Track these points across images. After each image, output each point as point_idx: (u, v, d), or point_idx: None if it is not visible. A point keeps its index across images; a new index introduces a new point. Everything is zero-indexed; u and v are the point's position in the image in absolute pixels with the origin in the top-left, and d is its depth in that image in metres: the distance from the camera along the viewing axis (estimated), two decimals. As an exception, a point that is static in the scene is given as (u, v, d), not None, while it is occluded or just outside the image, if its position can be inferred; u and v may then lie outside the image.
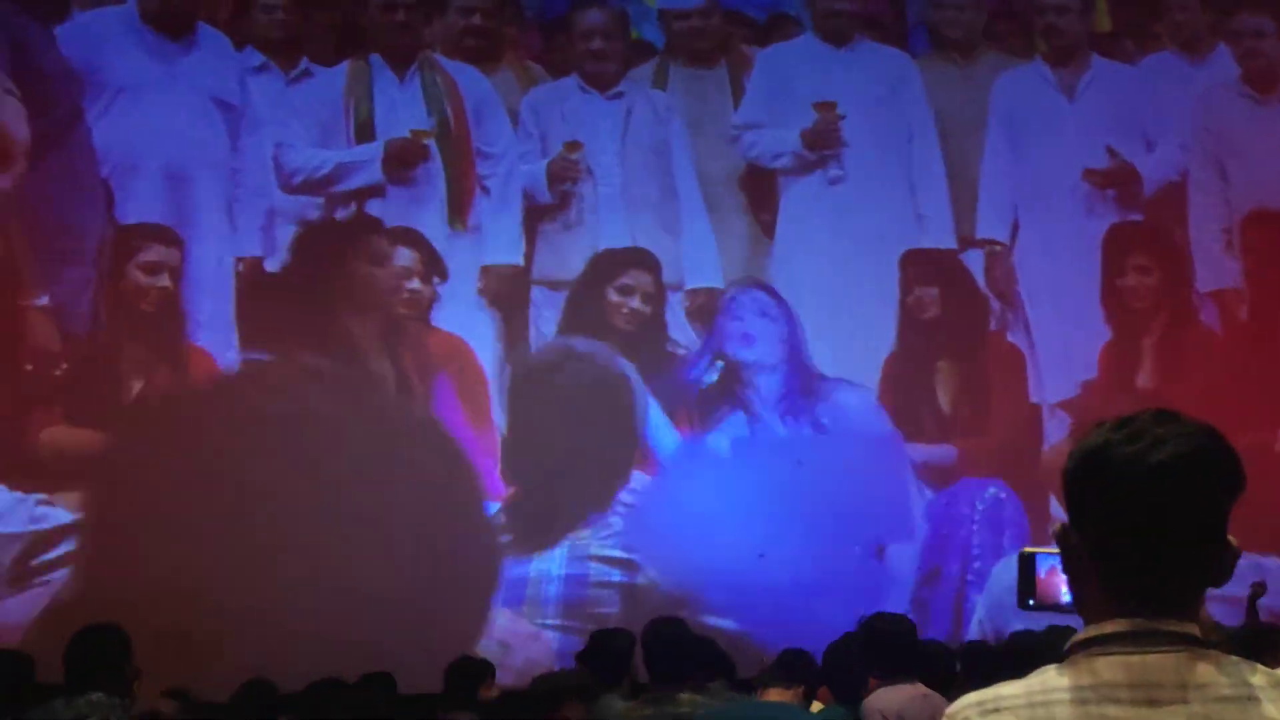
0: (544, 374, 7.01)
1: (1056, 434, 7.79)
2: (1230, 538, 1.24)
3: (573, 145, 7.59)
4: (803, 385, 7.52)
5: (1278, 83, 8.36)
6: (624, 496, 7.02)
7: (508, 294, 7.47)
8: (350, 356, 6.79)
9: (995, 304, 8.17)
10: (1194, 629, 1.23)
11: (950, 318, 7.90)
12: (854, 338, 7.82)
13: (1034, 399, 7.99)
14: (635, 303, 7.41)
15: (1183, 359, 7.92)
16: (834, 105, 7.82)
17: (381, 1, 7.50)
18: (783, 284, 7.71)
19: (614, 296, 7.40)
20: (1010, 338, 8.13)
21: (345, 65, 7.51)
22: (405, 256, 7.17)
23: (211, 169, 7.14)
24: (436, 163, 7.42)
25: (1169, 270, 8.06)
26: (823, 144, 7.80)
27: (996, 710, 1.25)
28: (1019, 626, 5.97)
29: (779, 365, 7.54)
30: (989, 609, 6.90)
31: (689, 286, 7.66)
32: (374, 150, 7.34)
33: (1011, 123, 8.35)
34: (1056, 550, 1.30)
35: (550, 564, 6.82)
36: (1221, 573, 1.24)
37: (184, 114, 7.14)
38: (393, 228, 7.23)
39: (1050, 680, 1.26)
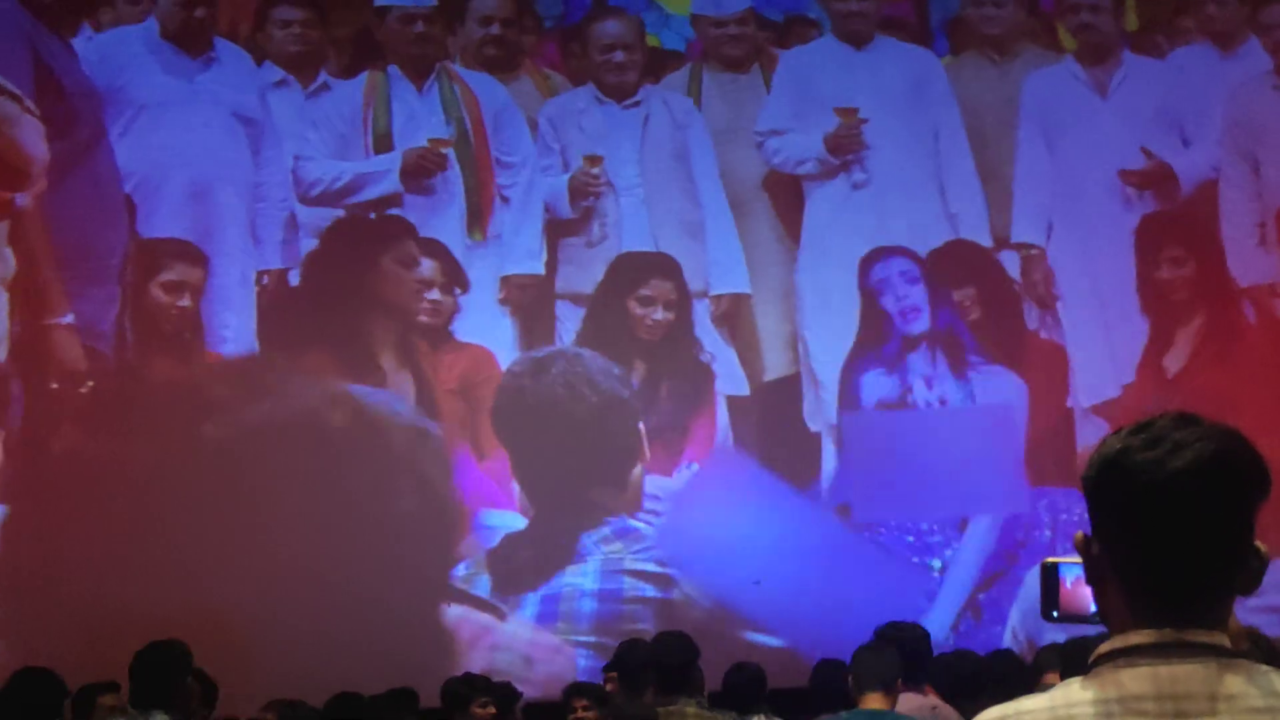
0: (525, 381, 6.84)
1: (1092, 438, 7.63)
2: (1259, 544, 1.20)
3: (593, 159, 7.52)
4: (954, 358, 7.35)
5: (1311, 75, 8.17)
6: (654, 504, 6.88)
7: (530, 304, 7.41)
8: (371, 367, 6.74)
9: (1032, 307, 8.01)
10: (1223, 639, 1.20)
11: (988, 317, 7.75)
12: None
13: (1069, 403, 7.81)
14: (659, 313, 7.32)
15: (1223, 353, 7.74)
16: (855, 111, 7.72)
17: (399, 13, 7.47)
18: (810, 290, 7.62)
19: (636, 309, 7.31)
20: (1046, 337, 7.98)
21: (363, 76, 7.50)
22: (427, 267, 7.14)
23: (234, 184, 7.15)
24: (455, 172, 7.38)
25: (1205, 262, 7.90)
26: (845, 149, 7.70)
27: None
28: (1053, 637, 5.94)
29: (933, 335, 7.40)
30: (1022, 616, 6.73)
31: (715, 292, 7.56)
32: (392, 160, 7.31)
33: (1044, 122, 8.22)
34: (1080, 560, 1.27)
35: (584, 578, 6.69)
36: (1250, 580, 1.20)
37: (205, 130, 7.15)
38: (419, 238, 7.19)
39: (1074, 694, 1.22)
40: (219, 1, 7.30)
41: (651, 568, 6.69)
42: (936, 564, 7.09)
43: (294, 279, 7.21)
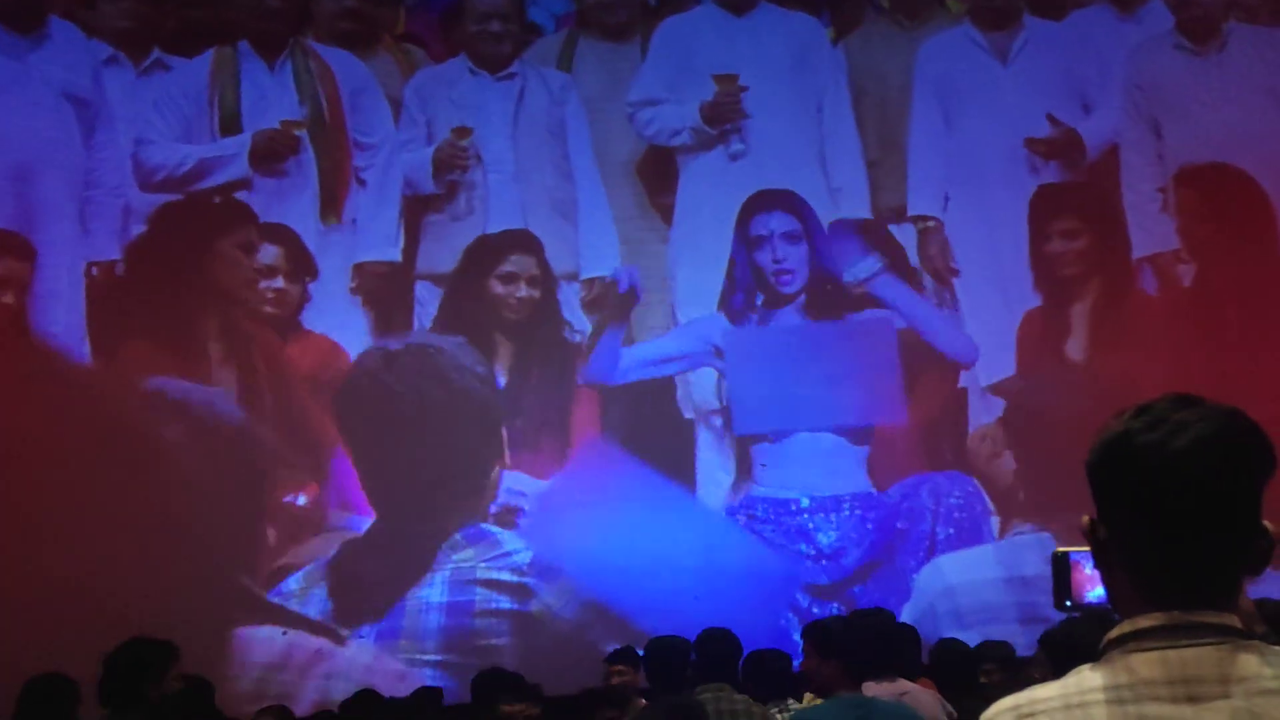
0: (371, 374, 6.39)
1: (985, 418, 7.29)
2: (1266, 523, 1.18)
3: (462, 131, 7.12)
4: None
5: (1214, 33, 7.85)
6: (513, 503, 6.44)
7: (384, 292, 6.98)
8: (198, 359, 6.30)
9: (929, 281, 7.67)
10: (1233, 620, 1.18)
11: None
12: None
13: (964, 381, 7.46)
14: (522, 290, 6.92)
15: (1119, 329, 7.41)
16: (735, 78, 7.33)
17: (249, -16, 7.05)
18: (686, 271, 7.22)
19: (499, 288, 6.90)
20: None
21: (209, 54, 7.04)
22: (270, 253, 6.71)
23: (62, 168, 6.69)
24: (309, 155, 6.95)
25: (1102, 234, 7.57)
26: (723, 118, 7.30)
27: (1032, 715, 1.21)
28: (948, 634, 5.59)
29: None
30: (918, 617, 6.30)
31: (586, 275, 7.16)
32: (241, 143, 6.87)
33: (941, 90, 7.88)
34: (1089, 548, 1.25)
35: (430, 591, 6.14)
36: (1259, 559, 1.18)
37: (33, 111, 6.70)
38: (261, 224, 6.75)
39: (1086, 680, 1.21)
40: (52, -24, 6.85)
41: (507, 577, 6.19)
42: (817, 543, 6.66)
43: (127, 262, 6.73)
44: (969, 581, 6.59)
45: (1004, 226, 7.69)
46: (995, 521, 6.90)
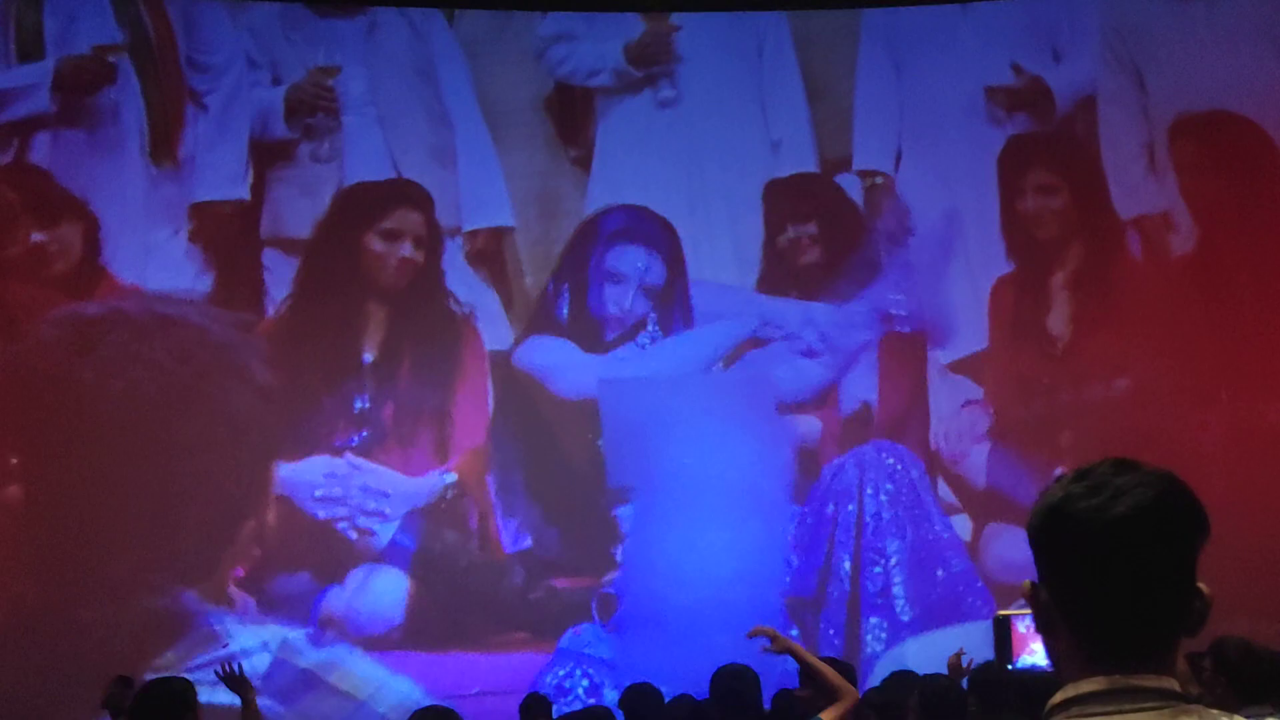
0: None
1: (947, 400, 6.26)
2: (1200, 585, 1.19)
3: (327, 70, 6.07)
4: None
5: (1203, -25, 6.88)
6: (374, 505, 5.26)
7: (231, 241, 5.76)
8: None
9: (882, 244, 6.66)
10: (1172, 683, 1.18)
11: (832, 259, 6.46)
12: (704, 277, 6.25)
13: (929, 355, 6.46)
14: (406, 250, 5.80)
15: (1106, 301, 6.39)
16: (667, 16, 6.33)
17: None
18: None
19: (378, 245, 5.81)
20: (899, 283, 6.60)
21: (6, -37, 5.79)
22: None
23: None
24: (132, 85, 5.71)
25: (1081, 192, 6.57)
26: (651, 59, 6.26)
27: None
28: None
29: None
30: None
31: (469, 228, 6.10)
32: (42, 72, 5.63)
33: (892, 38, 6.91)
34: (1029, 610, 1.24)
35: None
36: (1196, 621, 1.19)
37: None
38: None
39: None
40: None
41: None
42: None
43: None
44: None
45: (964, 184, 6.74)
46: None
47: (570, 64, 6.40)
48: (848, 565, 5.91)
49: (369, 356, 5.69)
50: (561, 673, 5.40)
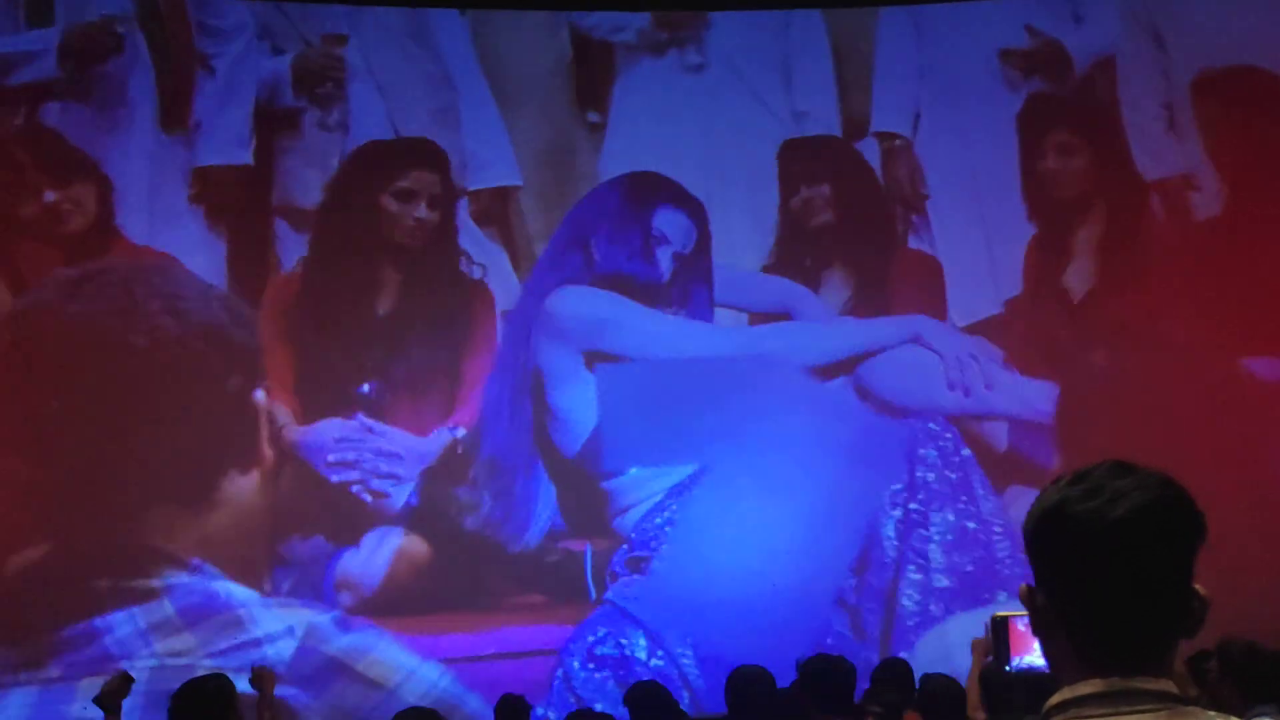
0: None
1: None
2: (1197, 586, 1.20)
3: (337, 38, 6.00)
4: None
5: (1224, -71, 6.79)
6: (386, 467, 5.22)
7: (237, 206, 5.71)
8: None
9: (898, 208, 6.60)
10: (1170, 685, 1.20)
11: (847, 222, 6.38)
12: (720, 250, 6.18)
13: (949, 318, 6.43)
14: (421, 210, 5.75)
15: (1130, 263, 6.30)
16: None
17: None
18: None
19: (393, 205, 5.73)
20: (915, 244, 6.53)
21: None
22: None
23: None
24: (143, 56, 5.65)
25: (1103, 151, 6.49)
26: (679, 23, 6.21)
27: None
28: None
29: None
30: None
31: (474, 187, 6.06)
32: (48, 38, 5.57)
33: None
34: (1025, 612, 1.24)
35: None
36: (1193, 623, 1.20)
37: None
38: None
39: None
40: None
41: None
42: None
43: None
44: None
45: (982, 147, 6.68)
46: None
47: (594, 18, 6.34)
48: (891, 534, 5.86)
49: (383, 314, 5.64)
50: (603, 632, 5.36)
